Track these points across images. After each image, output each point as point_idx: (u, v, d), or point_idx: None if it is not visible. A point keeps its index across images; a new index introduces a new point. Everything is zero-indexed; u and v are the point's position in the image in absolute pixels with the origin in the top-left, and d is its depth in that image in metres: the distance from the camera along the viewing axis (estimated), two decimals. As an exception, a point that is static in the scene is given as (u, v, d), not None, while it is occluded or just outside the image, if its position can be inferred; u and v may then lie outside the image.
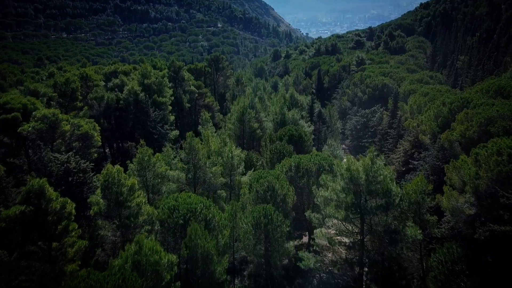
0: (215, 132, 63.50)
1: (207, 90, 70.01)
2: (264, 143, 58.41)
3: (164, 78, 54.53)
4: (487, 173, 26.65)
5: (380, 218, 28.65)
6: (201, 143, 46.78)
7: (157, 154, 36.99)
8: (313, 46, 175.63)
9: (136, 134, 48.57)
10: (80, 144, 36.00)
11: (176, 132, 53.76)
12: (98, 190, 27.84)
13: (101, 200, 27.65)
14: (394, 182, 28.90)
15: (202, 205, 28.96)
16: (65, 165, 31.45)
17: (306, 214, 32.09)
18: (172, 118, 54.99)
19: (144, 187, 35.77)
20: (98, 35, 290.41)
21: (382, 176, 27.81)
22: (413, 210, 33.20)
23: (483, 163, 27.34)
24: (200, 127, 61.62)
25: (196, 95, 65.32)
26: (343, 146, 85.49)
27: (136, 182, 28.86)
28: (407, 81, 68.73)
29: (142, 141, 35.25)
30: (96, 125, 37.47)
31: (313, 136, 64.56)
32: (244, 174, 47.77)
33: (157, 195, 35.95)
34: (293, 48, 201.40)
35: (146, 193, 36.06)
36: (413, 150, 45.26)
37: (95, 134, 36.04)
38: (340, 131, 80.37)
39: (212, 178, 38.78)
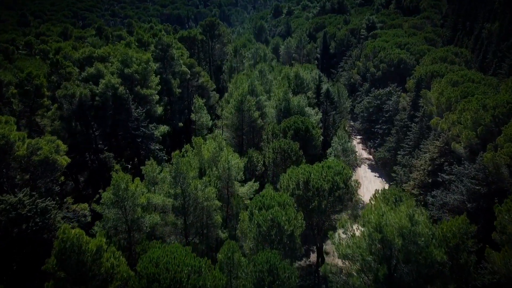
0: (210, 120, 56.43)
1: (201, 69, 61.72)
2: (265, 136, 51.37)
3: (149, 64, 46.31)
4: None
5: None
6: (192, 151, 39.99)
7: (136, 179, 30.19)
8: (317, 1, 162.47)
9: (116, 137, 41.40)
10: (41, 169, 29.14)
11: (164, 128, 46.54)
12: (53, 258, 21.35)
13: (58, 270, 21.32)
14: (440, 247, 22.37)
15: (190, 269, 22.72)
16: (17, 210, 24.83)
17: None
18: (159, 110, 47.52)
19: (123, 222, 29.45)
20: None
21: (423, 239, 21.29)
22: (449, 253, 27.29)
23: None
24: (193, 115, 54.47)
25: (188, 76, 57.25)
26: (351, 122, 78.26)
27: (103, 242, 22.40)
28: (428, 58, 60.20)
29: (117, 166, 28.43)
30: (60, 143, 30.26)
31: (320, 124, 57.44)
32: (243, 181, 41.36)
33: (137, 233, 29.68)
34: (295, 2, 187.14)
35: (126, 226, 29.82)
36: (442, 159, 38.42)
37: (58, 158, 29.01)
38: (349, 109, 72.84)
39: (205, 203, 32.31)
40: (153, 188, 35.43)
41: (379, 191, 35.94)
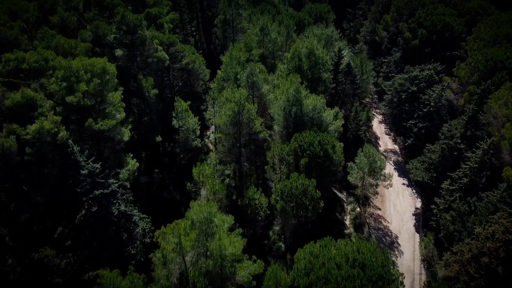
0: (197, 124, 43.69)
1: (184, 46, 46.58)
2: (271, 160, 39.23)
3: (107, 72, 32.23)
4: None
5: None
6: (172, 235, 28.30)
7: None
8: None
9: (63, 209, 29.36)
10: None
11: (132, 165, 34.19)
12: None
13: None
14: None
15: None
16: None
17: None
18: (127, 135, 34.52)
19: None
20: None
21: None
22: None
23: None
24: (174, 121, 41.78)
25: (168, 62, 43.01)
26: (373, 88, 64.36)
27: None
28: (486, 33, 44.55)
29: None
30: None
31: (341, 126, 44.46)
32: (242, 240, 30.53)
33: None
34: None
35: None
36: (521, 246, 27.32)
37: None
38: (373, 81, 58.88)
39: None
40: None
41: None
